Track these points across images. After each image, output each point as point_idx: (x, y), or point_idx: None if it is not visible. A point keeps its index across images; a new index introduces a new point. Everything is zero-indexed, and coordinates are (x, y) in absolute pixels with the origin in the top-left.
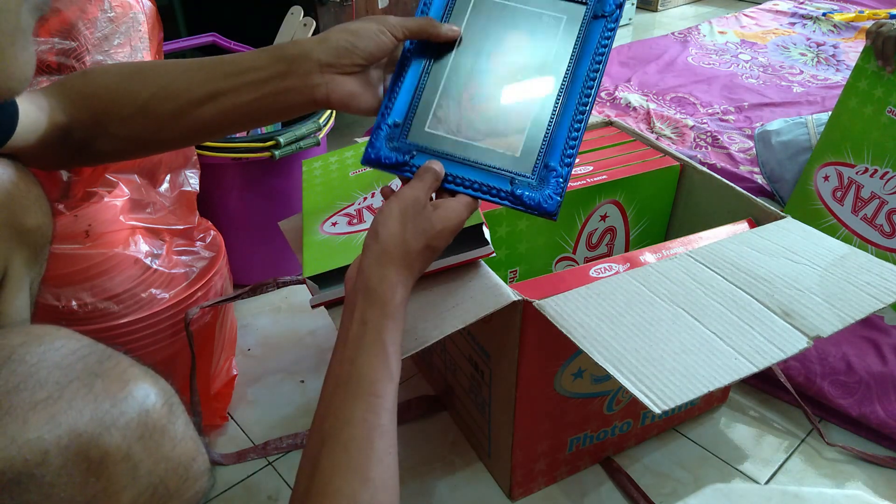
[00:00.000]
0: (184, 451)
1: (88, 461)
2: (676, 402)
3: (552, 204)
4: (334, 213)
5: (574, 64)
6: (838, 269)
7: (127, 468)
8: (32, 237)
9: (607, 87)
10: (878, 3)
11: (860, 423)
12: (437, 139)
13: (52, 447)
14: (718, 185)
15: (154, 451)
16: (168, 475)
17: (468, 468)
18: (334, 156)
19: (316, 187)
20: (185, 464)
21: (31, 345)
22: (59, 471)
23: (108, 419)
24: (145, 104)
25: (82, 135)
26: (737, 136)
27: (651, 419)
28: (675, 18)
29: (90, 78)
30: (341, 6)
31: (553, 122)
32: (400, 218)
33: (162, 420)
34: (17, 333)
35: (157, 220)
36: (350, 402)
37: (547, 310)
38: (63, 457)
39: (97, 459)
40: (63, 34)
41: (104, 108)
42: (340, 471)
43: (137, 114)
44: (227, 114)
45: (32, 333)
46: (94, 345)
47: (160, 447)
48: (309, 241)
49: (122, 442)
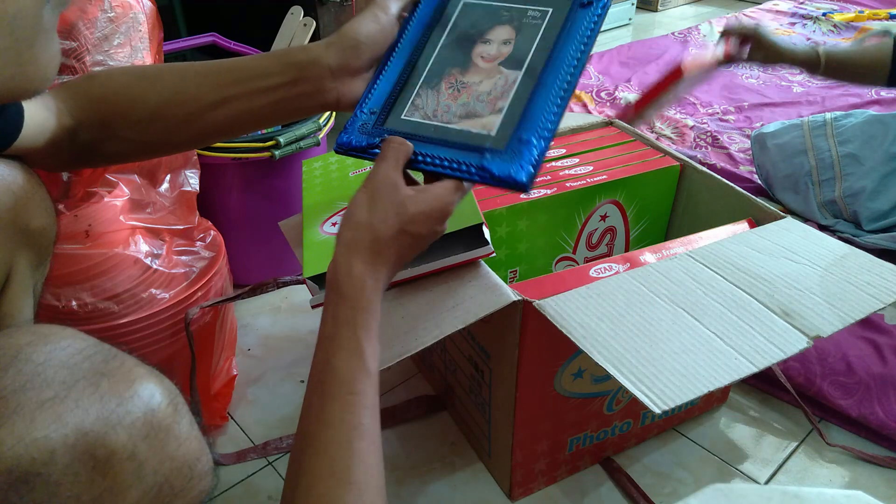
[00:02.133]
0: (188, 451)
1: (94, 460)
2: (676, 402)
3: (523, 174)
4: (334, 214)
5: (558, 50)
6: (838, 269)
7: (132, 467)
8: (37, 239)
9: (607, 87)
10: (878, 3)
11: (860, 423)
12: (413, 125)
13: (59, 446)
14: (718, 185)
15: (159, 451)
16: (173, 474)
17: (468, 468)
18: (334, 156)
19: (316, 187)
20: (190, 463)
21: (37, 344)
22: (66, 469)
23: (114, 418)
24: (156, 109)
25: (89, 137)
26: (737, 136)
27: (651, 419)
28: (675, 18)
29: (97, 82)
30: (341, 6)
31: (532, 102)
32: (368, 203)
33: (167, 419)
34: (24, 333)
35: (157, 220)
36: (328, 402)
37: (547, 310)
38: (69, 455)
39: (103, 458)
40: (63, 34)
41: (113, 113)
42: (323, 476)
43: (148, 119)
44: (237, 118)
45: (39, 333)
46: (99, 344)
47: (165, 446)
48: (309, 241)
49: (128, 441)
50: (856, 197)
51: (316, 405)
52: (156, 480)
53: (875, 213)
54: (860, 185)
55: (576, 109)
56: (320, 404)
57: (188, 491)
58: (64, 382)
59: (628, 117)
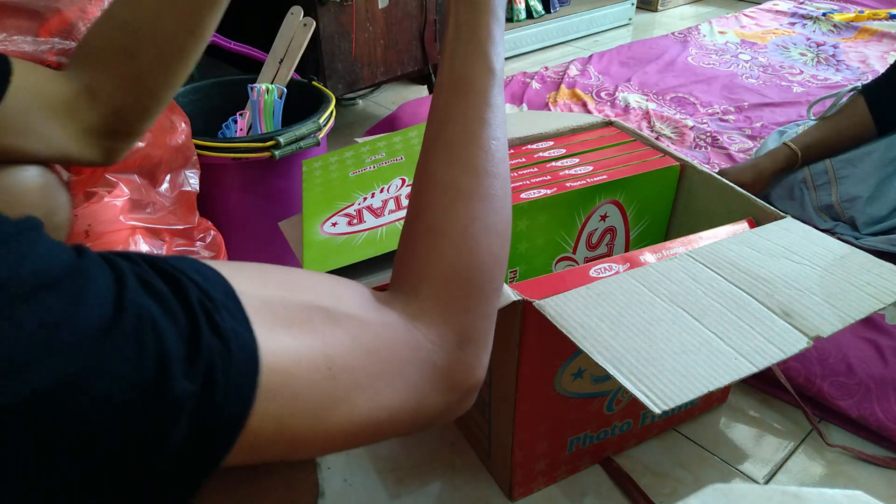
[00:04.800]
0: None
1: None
2: (676, 402)
3: None
4: (334, 214)
5: None
6: (838, 269)
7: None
8: (56, 238)
9: (607, 88)
10: (878, 3)
11: (860, 424)
12: None
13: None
14: (718, 185)
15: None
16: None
17: (468, 468)
18: (334, 156)
19: (316, 187)
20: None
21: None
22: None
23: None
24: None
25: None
26: (736, 136)
27: (651, 419)
28: (675, 18)
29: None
30: (341, 6)
31: None
32: None
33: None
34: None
35: (157, 220)
36: (451, 103)
37: (547, 310)
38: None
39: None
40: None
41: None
42: (442, 163)
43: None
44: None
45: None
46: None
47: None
48: (309, 241)
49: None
50: (852, 202)
51: (440, 108)
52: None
53: (872, 218)
54: (856, 192)
55: (576, 109)
56: (444, 106)
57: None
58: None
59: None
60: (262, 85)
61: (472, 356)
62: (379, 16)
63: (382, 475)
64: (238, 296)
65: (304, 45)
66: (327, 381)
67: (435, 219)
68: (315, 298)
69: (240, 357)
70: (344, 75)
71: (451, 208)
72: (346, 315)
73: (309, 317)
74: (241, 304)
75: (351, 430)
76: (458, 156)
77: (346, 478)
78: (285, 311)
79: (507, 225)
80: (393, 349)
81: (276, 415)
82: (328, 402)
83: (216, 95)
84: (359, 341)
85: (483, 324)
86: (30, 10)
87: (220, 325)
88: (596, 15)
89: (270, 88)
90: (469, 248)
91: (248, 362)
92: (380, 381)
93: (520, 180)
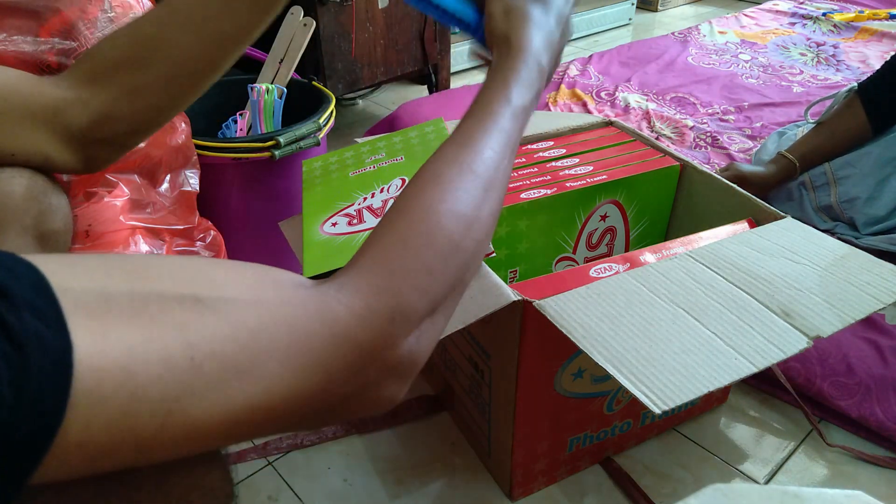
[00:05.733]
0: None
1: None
2: (676, 402)
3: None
4: (334, 214)
5: None
6: (838, 269)
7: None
8: (53, 244)
9: (607, 88)
10: (879, 3)
11: (860, 424)
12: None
13: None
14: (718, 185)
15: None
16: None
17: (468, 468)
18: (334, 156)
19: (316, 187)
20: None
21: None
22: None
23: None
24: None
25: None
26: (737, 136)
27: (651, 419)
28: (675, 18)
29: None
30: (341, 6)
31: None
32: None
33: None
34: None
35: (157, 220)
36: (463, 122)
37: (547, 310)
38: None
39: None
40: (63, 34)
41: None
42: (432, 160)
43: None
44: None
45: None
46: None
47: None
48: (309, 241)
49: None
50: (851, 203)
51: (453, 134)
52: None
53: (872, 218)
54: (855, 192)
55: (576, 109)
56: (458, 128)
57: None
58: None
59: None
60: (262, 85)
61: (405, 332)
62: (379, 16)
63: (382, 475)
64: (53, 292)
65: (304, 45)
66: (186, 372)
67: (402, 199)
68: (177, 287)
69: (41, 364)
70: (344, 75)
71: (420, 191)
72: (225, 299)
73: (165, 307)
74: (55, 300)
75: (229, 420)
76: (448, 154)
77: (346, 478)
78: (130, 304)
79: (483, 225)
80: (292, 325)
81: (109, 420)
82: (185, 395)
83: (216, 95)
84: (240, 324)
85: (424, 303)
86: (30, 10)
87: (12, 327)
88: (596, 15)
89: (270, 88)
90: (427, 226)
91: (53, 368)
92: (270, 362)
93: (520, 180)
